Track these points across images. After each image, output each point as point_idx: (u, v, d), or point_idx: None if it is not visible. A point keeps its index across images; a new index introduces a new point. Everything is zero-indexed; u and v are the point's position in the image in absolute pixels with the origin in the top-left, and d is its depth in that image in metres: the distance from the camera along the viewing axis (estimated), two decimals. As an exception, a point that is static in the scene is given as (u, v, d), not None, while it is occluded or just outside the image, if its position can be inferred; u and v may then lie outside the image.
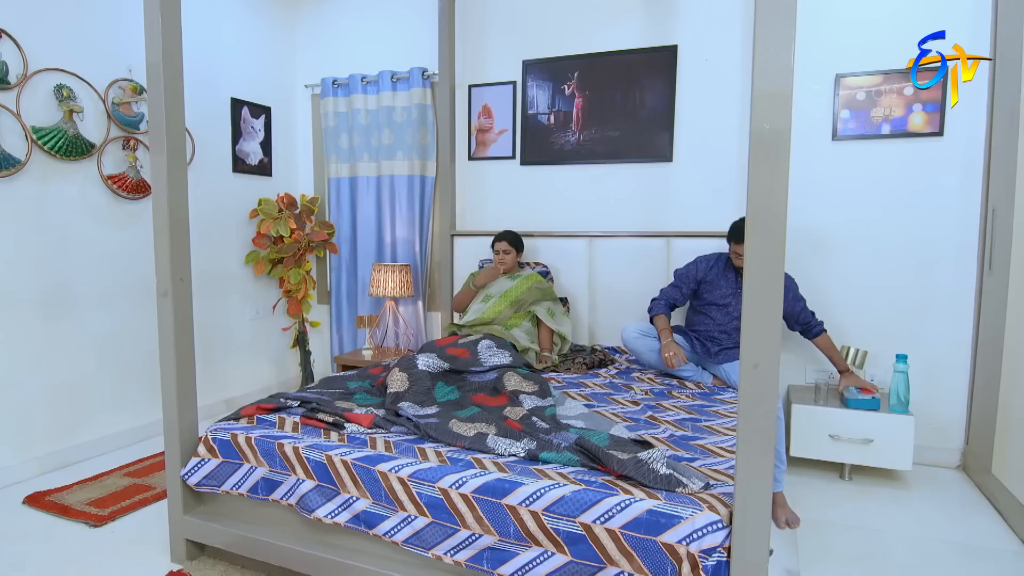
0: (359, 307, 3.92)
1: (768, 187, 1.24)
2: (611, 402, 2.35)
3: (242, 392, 3.82)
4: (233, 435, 1.96)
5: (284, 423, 2.06)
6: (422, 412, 2.14)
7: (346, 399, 2.29)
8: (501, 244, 3.17)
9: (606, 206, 3.39)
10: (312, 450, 1.83)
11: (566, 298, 3.35)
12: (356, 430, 1.98)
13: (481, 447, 1.81)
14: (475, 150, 3.67)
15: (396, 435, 1.96)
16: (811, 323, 2.74)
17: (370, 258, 3.86)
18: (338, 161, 3.92)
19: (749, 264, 1.24)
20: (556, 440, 1.81)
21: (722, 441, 1.88)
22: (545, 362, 2.91)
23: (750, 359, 1.27)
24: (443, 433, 1.89)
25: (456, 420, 2.00)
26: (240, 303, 3.78)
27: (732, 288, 2.80)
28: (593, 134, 3.39)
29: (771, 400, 1.26)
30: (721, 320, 2.80)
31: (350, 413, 2.04)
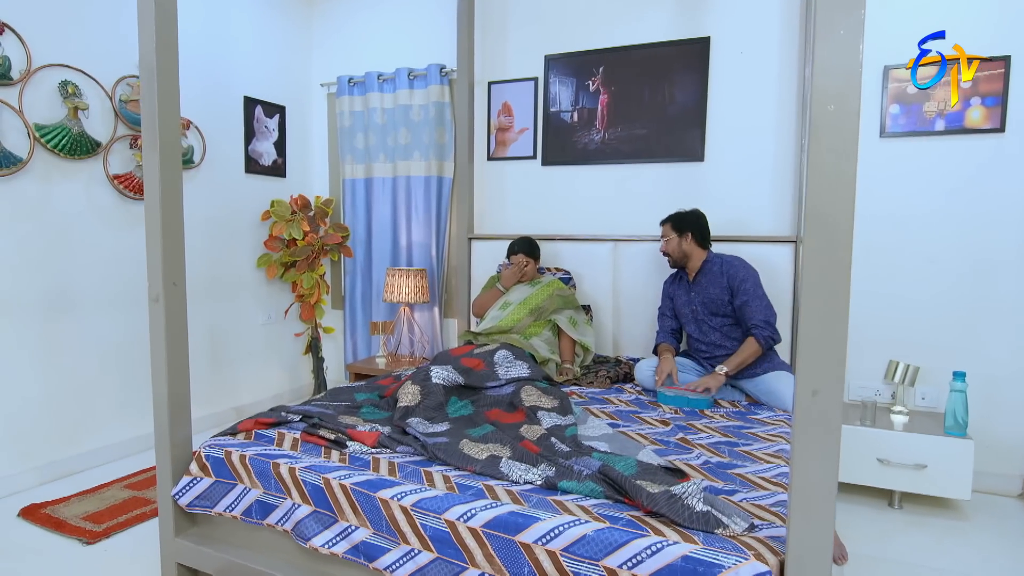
0: (374, 313, 3.79)
1: (831, 181, 1.04)
2: (637, 421, 2.16)
3: (253, 400, 3.70)
4: (227, 452, 1.82)
5: (283, 439, 1.91)
6: (432, 429, 1.97)
7: (352, 413, 2.13)
8: (518, 257, 3.01)
9: (632, 208, 3.21)
10: (309, 472, 1.67)
11: (589, 306, 3.17)
12: (359, 449, 1.82)
13: (494, 472, 1.63)
14: (494, 150, 3.52)
15: (402, 456, 1.79)
16: (753, 327, 2.44)
17: (385, 262, 3.74)
18: (353, 162, 3.80)
19: (806, 274, 1.05)
20: (577, 467, 1.62)
21: (765, 470, 1.68)
22: (566, 374, 2.73)
23: (808, 384, 1.07)
24: (453, 455, 1.72)
25: (467, 440, 1.83)
26: (251, 307, 3.67)
27: (685, 295, 2.66)
28: (619, 132, 3.21)
29: (833, 433, 1.06)
30: (697, 333, 2.62)
31: (353, 431, 1.88)
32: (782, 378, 2.37)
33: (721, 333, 2.58)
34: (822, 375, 1.06)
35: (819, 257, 1.06)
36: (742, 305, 2.48)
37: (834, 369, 1.06)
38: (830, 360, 1.06)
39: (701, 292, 2.60)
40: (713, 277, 2.58)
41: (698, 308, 2.62)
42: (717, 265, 2.59)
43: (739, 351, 2.45)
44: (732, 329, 2.56)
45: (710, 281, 2.58)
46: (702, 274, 2.61)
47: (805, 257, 1.07)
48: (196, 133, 3.30)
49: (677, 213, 2.66)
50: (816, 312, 1.06)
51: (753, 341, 2.43)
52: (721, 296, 2.55)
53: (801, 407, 1.08)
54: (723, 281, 2.55)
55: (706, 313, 2.59)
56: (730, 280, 2.53)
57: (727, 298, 2.54)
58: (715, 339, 2.58)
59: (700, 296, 2.60)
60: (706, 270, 2.60)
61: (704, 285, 2.60)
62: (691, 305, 2.64)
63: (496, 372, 2.41)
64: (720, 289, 2.55)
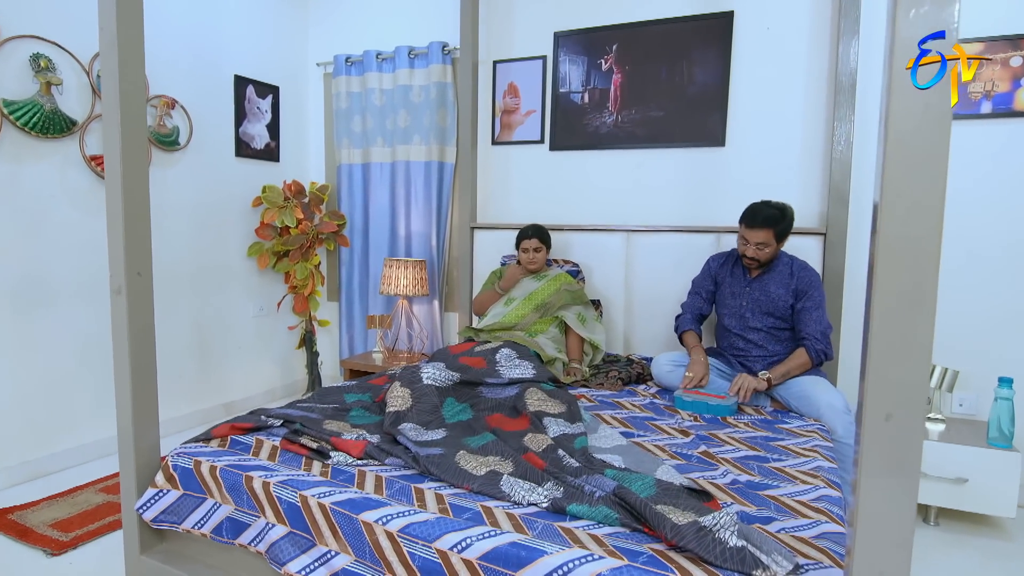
0: (370, 306, 3.61)
1: (914, 161, 0.83)
2: (653, 430, 1.96)
3: (243, 395, 3.53)
4: (196, 463, 1.63)
5: (261, 447, 1.73)
6: (426, 437, 1.78)
7: (339, 417, 1.94)
8: (531, 242, 2.79)
9: (647, 197, 3.01)
10: (284, 488, 1.48)
11: (599, 301, 2.98)
12: (343, 460, 1.63)
13: (493, 491, 1.44)
14: (499, 133, 3.32)
15: (391, 469, 1.60)
16: (807, 337, 2.25)
17: (383, 252, 3.56)
18: (350, 146, 3.61)
19: (880, 272, 0.85)
20: (588, 487, 1.43)
21: (803, 493, 1.48)
22: (574, 375, 2.54)
23: (879, 407, 0.87)
24: (447, 470, 1.53)
25: (465, 452, 1.64)
26: (242, 299, 3.49)
27: (739, 286, 2.42)
28: (633, 115, 3.00)
29: (911, 468, 0.86)
30: (738, 329, 2.41)
31: (337, 439, 1.69)
32: (818, 384, 2.17)
33: (766, 334, 2.37)
34: (899, 395, 0.86)
35: (891, 259, 0.85)
36: (803, 311, 2.27)
37: (915, 388, 0.85)
38: (910, 376, 0.85)
39: (761, 288, 2.37)
40: (780, 276, 2.35)
41: (750, 304, 2.39)
42: (787, 264, 2.37)
43: (787, 360, 2.25)
44: (779, 332, 2.36)
45: (775, 279, 2.35)
46: (769, 272, 2.38)
47: (879, 252, 0.86)
48: (182, 113, 3.10)
49: (773, 212, 2.25)
50: (887, 323, 0.85)
51: (803, 353, 2.24)
52: (784, 297, 2.33)
53: (870, 434, 0.88)
54: (791, 283, 2.33)
55: (757, 310, 2.37)
56: (799, 283, 2.31)
57: (789, 300, 2.32)
58: (756, 339, 2.37)
59: (758, 292, 2.38)
60: (773, 267, 2.38)
61: (766, 282, 2.37)
62: (742, 298, 2.41)
63: (498, 370, 2.23)
64: (785, 290, 2.33)
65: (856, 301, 2.65)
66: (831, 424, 2.05)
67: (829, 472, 1.61)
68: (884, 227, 0.86)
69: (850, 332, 2.65)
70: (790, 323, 2.35)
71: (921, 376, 0.85)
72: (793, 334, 2.36)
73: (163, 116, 3.01)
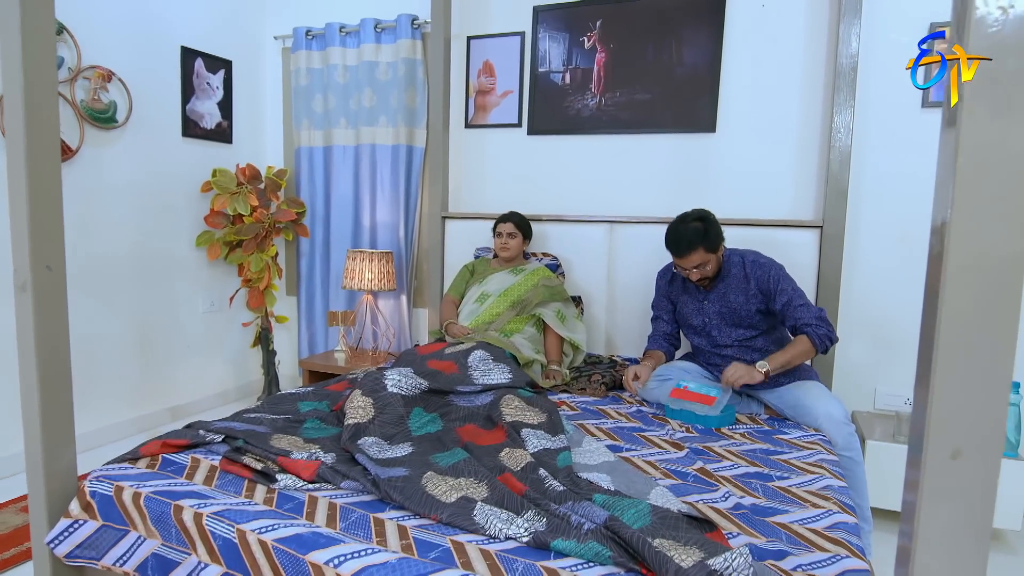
0: (332, 301, 3.42)
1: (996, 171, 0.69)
2: (643, 442, 1.81)
3: (192, 399, 3.30)
4: (118, 489, 1.42)
5: (197, 468, 1.52)
6: (389, 454, 1.60)
7: (291, 430, 1.74)
8: (506, 225, 2.65)
9: (632, 186, 2.87)
10: (220, 520, 1.28)
11: (579, 297, 2.83)
12: (292, 484, 1.44)
13: (465, 522, 1.26)
14: (473, 116, 3.14)
15: (347, 494, 1.42)
16: (807, 324, 2.02)
17: (345, 243, 3.36)
18: (310, 127, 3.40)
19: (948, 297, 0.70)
20: (575, 517, 1.26)
21: (814, 519, 1.33)
22: (554, 378, 2.38)
23: (944, 443, 0.71)
24: (412, 497, 1.35)
25: (433, 473, 1.46)
26: (190, 293, 3.26)
27: (695, 303, 2.23)
28: (618, 97, 2.85)
29: (983, 517, 0.71)
30: (708, 347, 2.24)
31: (286, 459, 1.50)
32: (811, 390, 2.04)
33: (739, 348, 2.18)
34: (971, 428, 0.70)
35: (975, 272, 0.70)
36: (785, 307, 2.06)
37: (990, 421, 0.70)
38: (985, 408, 0.70)
39: (719, 300, 2.18)
40: (735, 282, 2.15)
41: (712, 319, 2.21)
42: (737, 266, 2.16)
43: (787, 348, 2.02)
44: (753, 342, 2.18)
45: (732, 287, 2.16)
46: (722, 279, 2.18)
47: (950, 271, 0.71)
48: (120, 87, 2.84)
49: (694, 228, 2.05)
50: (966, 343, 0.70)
51: (806, 340, 1.99)
52: (747, 305, 2.13)
53: (933, 474, 0.72)
54: (749, 286, 2.13)
55: (723, 324, 2.19)
56: (759, 283, 2.11)
57: (755, 306, 2.13)
58: (731, 354, 2.18)
59: (717, 305, 2.18)
60: (726, 273, 2.17)
61: (723, 292, 2.17)
62: (703, 316, 2.23)
63: (471, 375, 2.07)
64: (746, 296, 2.13)
65: (855, 299, 2.55)
66: (831, 435, 1.93)
67: (840, 493, 1.48)
68: (958, 244, 0.71)
69: (848, 333, 2.55)
70: (761, 328, 2.17)
71: (998, 408, 0.70)
72: (767, 339, 2.18)
73: (97, 90, 2.74)
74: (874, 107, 2.46)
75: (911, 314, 2.49)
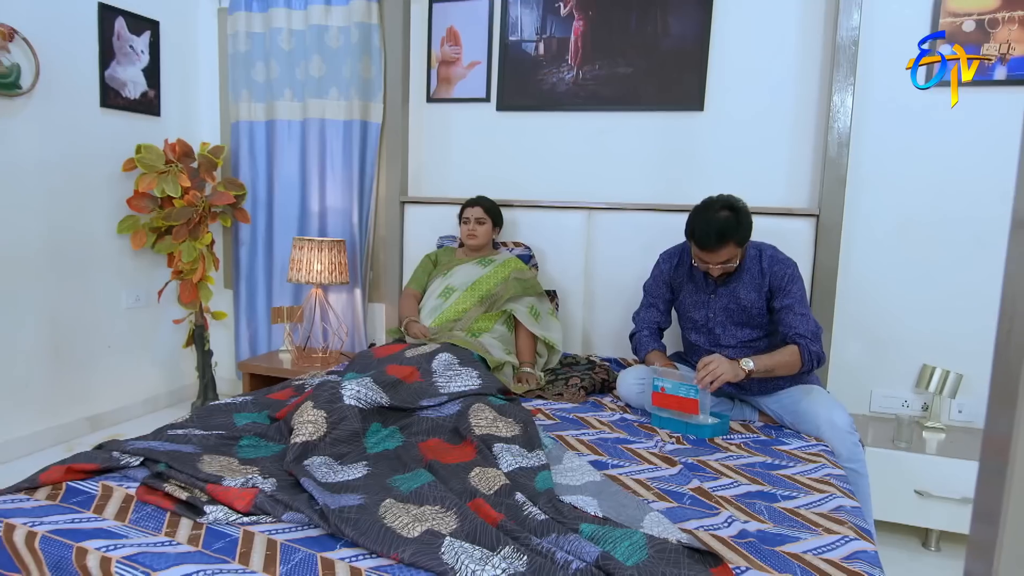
0: (276, 295, 3.27)
1: None
2: (630, 457, 1.71)
3: (115, 406, 3.11)
4: (8, 528, 1.24)
5: (109, 498, 1.36)
6: (341, 476, 1.46)
7: (224, 450, 1.59)
8: (474, 210, 2.56)
9: (612, 168, 2.80)
10: (132, 567, 1.12)
11: (554, 291, 2.75)
12: (223, 517, 1.29)
13: (432, 563, 1.13)
14: (436, 89, 3.02)
15: (290, 528, 1.27)
16: (801, 336, 1.96)
17: (291, 231, 3.22)
18: (251, 99, 3.23)
19: None
20: (561, 555, 1.15)
21: (830, 548, 1.25)
22: (527, 382, 2.28)
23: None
24: (368, 531, 1.21)
25: (393, 501, 1.32)
26: (112, 286, 3.06)
27: (702, 294, 2.13)
28: (596, 71, 2.76)
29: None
30: (708, 345, 2.15)
31: (217, 486, 1.34)
32: (813, 395, 1.98)
33: (741, 349, 2.09)
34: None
35: None
36: (784, 309, 1.98)
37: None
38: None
39: (729, 295, 2.09)
40: (750, 276, 2.06)
41: (717, 315, 2.12)
42: (753, 260, 2.06)
43: (775, 354, 1.94)
44: (756, 343, 2.10)
45: (746, 282, 2.06)
46: (736, 272, 2.08)
47: None
48: (24, 48, 2.60)
49: (726, 220, 1.93)
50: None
51: (796, 352, 1.92)
52: (758, 302, 2.05)
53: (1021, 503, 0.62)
54: (764, 283, 2.04)
55: (729, 322, 2.11)
56: (772, 279, 2.02)
57: (764, 304, 2.05)
58: (731, 355, 2.06)
59: (726, 300, 2.09)
60: (742, 267, 2.08)
61: (734, 288, 2.08)
62: (708, 310, 2.13)
63: (435, 384, 1.95)
64: (758, 293, 2.04)
65: (852, 295, 2.52)
66: (833, 445, 1.87)
67: (854, 515, 1.40)
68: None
69: (844, 331, 2.52)
70: (767, 329, 2.10)
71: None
72: (771, 342, 2.11)
73: (-4, 49, 2.49)
74: (876, 86, 2.42)
75: (910, 311, 2.47)
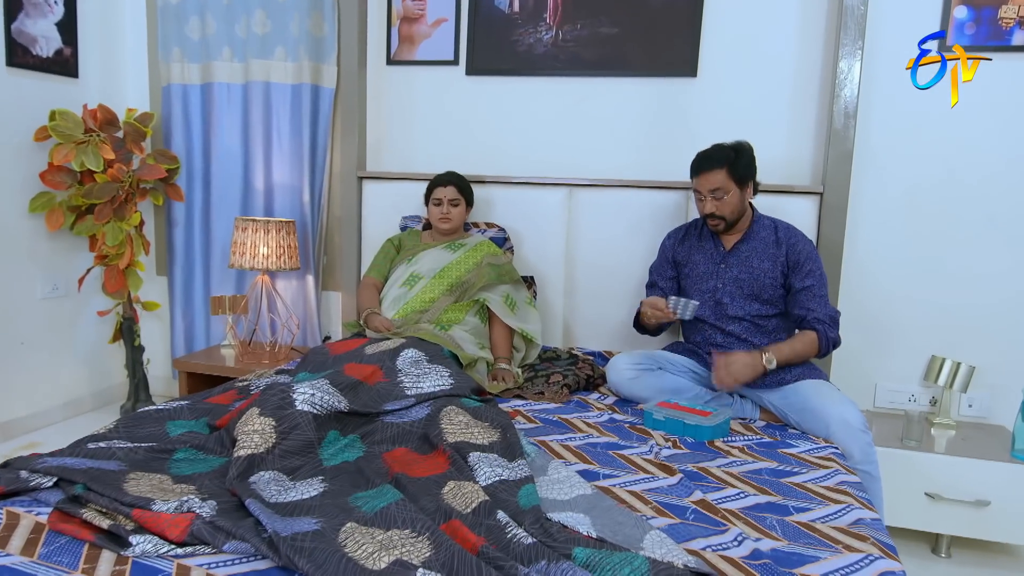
0: (216, 283, 3.25)
1: None
2: (623, 464, 1.65)
3: (30, 411, 3.01)
4: None
5: (15, 528, 1.24)
6: (292, 497, 1.37)
7: (154, 466, 1.48)
8: (447, 190, 2.52)
9: (595, 141, 2.82)
10: (41, 614, 1.01)
11: (532, 278, 2.75)
12: (153, 549, 1.18)
13: (402, 600, 1.05)
14: (397, 50, 2.99)
15: (234, 560, 1.17)
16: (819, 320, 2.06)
17: (233, 210, 3.19)
18: (184, 59, 3.17)
19: None
20: (554, 587, 1.07)
21: (853, 568, 1.20)
22: (504, 380, 2.24)
23: None
24: (327, 563, 1.12)
25: (355, 525, 1.24)
26: (24, 273, 2.95)
27: (711, 263, 2.22)
28: (578, 31, 2.76)
29: None
30: (714, 319, 2.20)
31: (145, 512, 1.24)
32: (822, 390, 1.98)
33: (749, 324, 2.16)
34: None
35: None
36: (804, 290, 2.07)
37: None
38: None
39: (741, 264, 2.17)
40: (763, 245, 2.16)
41: (728, 286, 2.19)
42: (769, 228, 2.18)
43: (793, 341, 2.06)
44: (766, 322, 2.16)
45: (758, 250, 2.16)
46: (747, 240, 2.19)
47: None
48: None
49: (725, 149, 2.10)
50: None
51: (814, 338, 2.04)
52: (772, 273, 2.13)
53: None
54: (779, 252, 2.13)
55: (739, 294, 2.17)
56: (791, 252, 2.11)
57: (779, 277, 2.12)
58: (738, 331, 2.16)
59: (737, 270, 2.17)
60: (754, 234, 2.18)
61: (746, 255, 2.17)
62: (718, 279, 2.20)
63: (400, 385, 1.88)
64: (772, 263, 2.13)
65: (856, 280, 2.54)
66: (845, 446, 1.87)
67: (875, 528, 1.36)
68: None
69: (848, 319, 2.50)
70: (779, 307, 2.17)
71: None
72: (782, 321, 2.19)
73: None
74: (886, 52, 2.44)
75: (918, 298, 2.51)
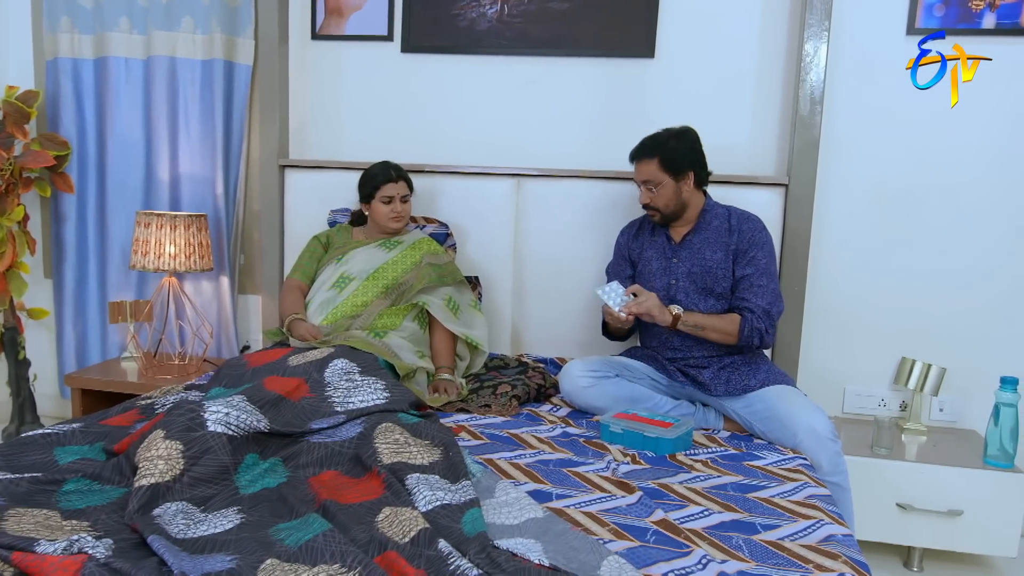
0: (114, 286, 3.19)
1: None
2: (578, 483, 1.66)
3: None
4: None
5: None
6: (202, 531, 1.34)
7: (40, 498, 1.42)
8: (399, 186, 2.53)
9: (545, 127, 2.87)
10: None
11: (476, 278, 2.79)
12: (37, 598, 1.12)
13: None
14: (324, 23, 3.01)
15: (133, 607, 1.12)
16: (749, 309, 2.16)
17: (134, 204, 3.15)
18: (74, 30, 3.13)
19: None
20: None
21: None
22: (446, 392, 2.25)
23: None
24: (242, 608, 1.08)
25: (276, 561, 1.20)
26: None
27: (662, 258, 2.30)
28: (526, 5, 2.83)
29: None
30: None
31: (26, 554, 1.18)
32: (789, 397, 2.04)
33: None
34: None
35: None
36: (743, 279, 2.17)
37: None
38: None
39: (691, 257, 2.24)
40: (714, 235, 2.24)
41: (680, 281, 2.25)
42: (721, 217, 2.26)
43: (712, 316, 2.18)
44: None
45: (709, 240, 2.23)
46: (697, 230, 2.27)
47: None
48: None
49: (660, 138, 2.21)
50: None
51: (736, 323, 2.13)
52: (724, 263, 2.21)
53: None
54: (730, 241, 2.21)
55: (693, 290, 2.24)
56: (740, 240, 2.20)
57: (730, 268, 2.20)
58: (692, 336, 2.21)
59: (689, 263, 2.24)
60: (704, 224, 2.26)
61: (697, 247, 2.24)
62: (669, 276, 2.27)
63: (329, 400, 1.86)
64: (724, 253, 2.22)
65: (825, 276, 2.63)
66: (813, 456, 1.93)
67: (847, 544, 1.39)
68: None
69: (814, 320, 2.62)
70: None
71: None
72: None
73: None
74: (852, 33, 2.53)
75: (888, 298, 2.60)
